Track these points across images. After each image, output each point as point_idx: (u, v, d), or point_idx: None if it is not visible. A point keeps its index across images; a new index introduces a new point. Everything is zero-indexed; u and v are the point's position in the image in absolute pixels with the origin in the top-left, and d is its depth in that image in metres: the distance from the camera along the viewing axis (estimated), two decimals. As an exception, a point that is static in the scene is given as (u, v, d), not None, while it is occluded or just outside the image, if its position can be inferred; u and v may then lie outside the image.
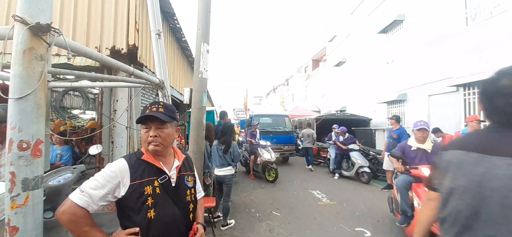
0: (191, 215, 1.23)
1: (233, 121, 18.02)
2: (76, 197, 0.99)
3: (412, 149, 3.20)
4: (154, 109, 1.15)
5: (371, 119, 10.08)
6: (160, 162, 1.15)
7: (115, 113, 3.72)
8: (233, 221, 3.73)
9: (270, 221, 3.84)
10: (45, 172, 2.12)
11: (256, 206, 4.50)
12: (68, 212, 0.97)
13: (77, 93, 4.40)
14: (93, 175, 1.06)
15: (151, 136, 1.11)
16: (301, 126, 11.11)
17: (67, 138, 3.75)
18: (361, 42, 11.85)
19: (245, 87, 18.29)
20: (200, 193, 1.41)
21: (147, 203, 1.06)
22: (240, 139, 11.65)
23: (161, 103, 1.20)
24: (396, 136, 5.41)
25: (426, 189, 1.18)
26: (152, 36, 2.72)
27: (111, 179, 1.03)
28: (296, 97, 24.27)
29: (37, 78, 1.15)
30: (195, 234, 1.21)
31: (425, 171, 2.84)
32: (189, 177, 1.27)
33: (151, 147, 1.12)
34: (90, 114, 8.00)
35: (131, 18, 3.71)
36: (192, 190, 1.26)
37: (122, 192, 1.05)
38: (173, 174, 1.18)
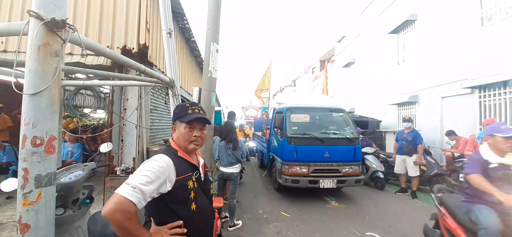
0: (213, 205, 1.35)
1: (242, 121, 17.61)
2: (128, 193, 0.93)
3: (491, 165, 2.12)
4: (197, 111, 1.23)
5: (381, 121, 9.87)
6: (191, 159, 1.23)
7: (125, 112, 3.74)
8: (240, 222, 3.70)
9: (278, 223, 3.78)
10: (56, 169, 2.14)
11: (263, 207, 4.45)
12: (123, 210, 0.91)
13: (89, 92, 4.46)
14: (100, 173, 1.05)
15: (195, 136, 1.20)
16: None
17: (79, 136, 3.80)
18: (371, 42, 11.64)
19: (269, 61, 11.69)
20: None
21: (190, 196, 1.13)
22: (252, 144, 9.56)
23: (200, 106, 1.29)
24: (411, 138, 5.26)
25: None
26: (163, 35, 2.72)
27: (161, 174, 1.03)
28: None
29: (52, 74, 1.14)
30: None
31: None
32: (209, 172, 1.41)
33: (192, 146, 1.19)
34: (101, 113, 8.15)
35: (142, 18, 3.74)
36: (212, 184, 1.41)
37: (168, 187, 1.05)
38: (201, 170, 1.27)
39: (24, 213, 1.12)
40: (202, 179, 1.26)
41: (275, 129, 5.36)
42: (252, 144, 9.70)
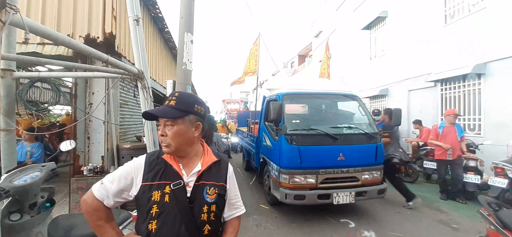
0: None
1: (222, 115, 17.33)
2: (96, 187, 0.96)
3: None
4: (166, 102, 0.98)
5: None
6: (180, 164, 0.98)
7: (90, 106, 3.47)
8: (219, 216, 3.67)
9: (257, 216, 3.81)
10: (9, 170, 1.92)
11: (243, 201, 4.43)
12: (86, 203, 0.95)
13: (46, 85, 4.04)
14: (66, 173, 0.98)
15: (160, 135, 0.97)
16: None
17: (36, 134, 3.45)
18: (346, 38, 12.04)
19: (257, 36, 7.42)
20: (237, 210, 1.17)
21: (151, 212, 0.91)
22: (235, 140, 8.87)
23: (177, 94, 1.00)
24: (381, 129, 5.54)
25: None
26: (130, 22, 2.53)
27: (127, 174, 0.96)
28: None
29: (-13, 61, 0.99)
30: None
31: None
32: (212, 188, 0.99)
33: (163, 148, 0.97)
34: (62, 108, 7.53)
35: (108, 4, 3.45)
36: (213, 206, 0.98)
37: (134, 191, 0.96)
38: (191, 181, 0.97)
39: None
40: (187, 194, 0.95)
41: (267, 123, 4.10)
42: (235, 140, 8.96)
